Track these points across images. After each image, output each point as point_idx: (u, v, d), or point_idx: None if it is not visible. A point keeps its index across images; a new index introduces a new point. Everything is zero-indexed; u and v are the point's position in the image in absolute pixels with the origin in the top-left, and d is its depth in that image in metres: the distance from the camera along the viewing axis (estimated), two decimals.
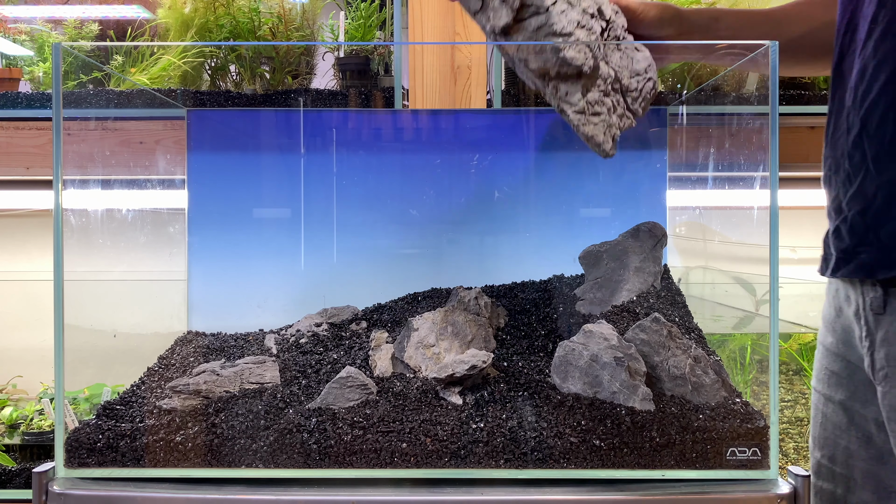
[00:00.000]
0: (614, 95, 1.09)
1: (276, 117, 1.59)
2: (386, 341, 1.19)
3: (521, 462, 0.98)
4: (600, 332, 1.06)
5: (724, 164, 1.34)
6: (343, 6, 1.85)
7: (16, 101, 1.74)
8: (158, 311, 1.50)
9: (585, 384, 1.02)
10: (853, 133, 1.00)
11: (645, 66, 1.10)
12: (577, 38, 1.01)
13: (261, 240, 1.49)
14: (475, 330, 1.15)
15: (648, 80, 1.11)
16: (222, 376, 1.09)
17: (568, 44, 1.00)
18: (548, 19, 1.00)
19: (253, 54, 1.79)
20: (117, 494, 0.98)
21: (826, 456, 1.14)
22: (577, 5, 1.03)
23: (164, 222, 1.51)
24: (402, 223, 1.48)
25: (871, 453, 1.08)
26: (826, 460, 1.14)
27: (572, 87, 1.03)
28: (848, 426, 1.11)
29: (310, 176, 1.48)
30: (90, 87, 1.70)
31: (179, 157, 1.50)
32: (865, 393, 1.07)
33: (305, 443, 0.98)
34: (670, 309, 1.23)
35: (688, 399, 1.03)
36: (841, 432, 1.12)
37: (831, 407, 1.14)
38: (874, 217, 0.97)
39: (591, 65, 1.02)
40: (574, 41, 1.00)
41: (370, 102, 1.69)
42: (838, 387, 1.13)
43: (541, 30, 1.01)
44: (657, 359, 1.05)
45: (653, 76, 1.11)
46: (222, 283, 1.48)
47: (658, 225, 1.27)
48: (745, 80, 1.49)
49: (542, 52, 1.01)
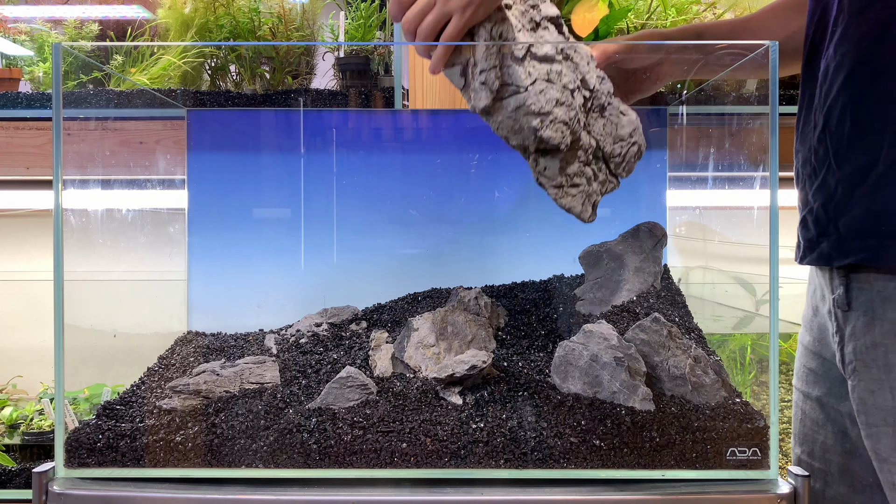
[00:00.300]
0: (596, 163, 1.10)
1: (276, 117, 1.59)
2: (386, 341, 1.20)
3: (520, 462, 0.98)
4: (600, 332, 1.06)
5: (723, 164, 1.34)
6: (343, 6, 1.85)
7: (16, 101, 1.74)
8: (158, 311, 1.50)
9: (585, 384, 1.02)
10: (818, 130, 1.05)
11: (630, 130, 1.11)
12: (556, 116, 1.02)
13: (261, 240, 1.49)
14: (475, 330, 1.15)
15: (633, 145, 1.11)
16: (222, 376, 1.09)
17: (545, 125, 1.02)
18: (526, 99, 1.01)
19: (253, 54, 1.79)
20: (117, 494, 0.98)
21: (805, 451, 1.18)
22: (556, 82, 1.03)
23: (164, 222, 1.51)
24: (402, 223, 1.48)
25: (846, 447, 1.12)
26: (805, 456, 1.18)
27: (550, 161, 1.05)
28: (824, 422, 1.15)
29: (310, 176, 1.48)
30: (90, 87, 1.70)
31: (179, 157, 1.50)
32: (840, 389, 1.10)
33: (305, 443, 0.98)
34: (670, 309, 1.23)
35: (688, 399, 1.03)
36: (818, 428, 1.16)
37: (809, 404, 1.18)
38: (834, 209, 1.02)
39: (568, 142, 1.03)
40: (551, 121, 1.02)
41: (370, 102, 1.69)
42: (815, 384, 1.17)
43: (519, 109, 1.02)
44: (657, 359, 1.05)
45: (638, 140, 1.12)
46: (222, 283, 1.48)
47: (658, 225, 1.27)
48: (744, 80, 1.49)
49: (521, 132, 1.02)
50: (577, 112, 1.05)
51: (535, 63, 1.03)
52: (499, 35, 1.02)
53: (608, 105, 1.10)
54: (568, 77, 1.05)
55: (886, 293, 0.97)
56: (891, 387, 0.97)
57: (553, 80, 1.03)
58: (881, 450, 0.99)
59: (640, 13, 1.83)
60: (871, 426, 1.00)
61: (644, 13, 1.83)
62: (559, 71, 1.04)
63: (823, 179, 1.03)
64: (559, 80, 1.03)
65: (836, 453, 1.14)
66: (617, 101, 1.12)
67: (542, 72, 1.02)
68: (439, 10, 0.97)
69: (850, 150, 1.00)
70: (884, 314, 0.97)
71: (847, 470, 1.13)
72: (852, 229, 1.00)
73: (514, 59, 1.01)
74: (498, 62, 1.01)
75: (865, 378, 1.00)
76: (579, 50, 1.09)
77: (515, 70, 1.01)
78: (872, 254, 0.98)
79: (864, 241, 0.99)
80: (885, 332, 0.97)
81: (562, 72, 1.04)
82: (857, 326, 1.01)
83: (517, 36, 1.03)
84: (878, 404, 0.98)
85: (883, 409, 0.98)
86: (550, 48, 1.03)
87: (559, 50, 1.05)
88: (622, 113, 1.11)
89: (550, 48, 1.03)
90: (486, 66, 1.01)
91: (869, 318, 0.99)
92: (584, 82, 1.08)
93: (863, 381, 1.00)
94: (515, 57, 1.01)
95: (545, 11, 1.08)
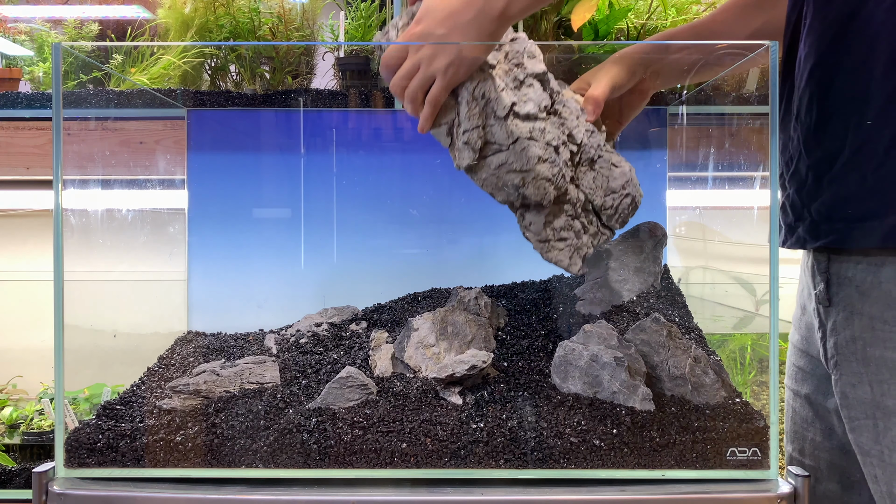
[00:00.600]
0: (586, 216, 1.11)
1: (276, 117, 1.59)
2: (386, 341, 1.20)
3: (521, 462, 0.98)
4: (600, 332, 1.06)
5: (724, 164, 1.34)
6: (343, 6, 1.86)
7: (16, 101, 1.74)
8: (158, 311, 1.50)
9: (585, 384, 1.02)
10: (792, 118, 1.08)
11: (622, 182, 1.11)
12: (538, 173, 1.04)
13: (261, 240, 1.49)
14: (475, 330, 1.15)
15: (626, 197, 1.11)
16: (222, 376, 1.09)
17: (526, 183, 1.04)
18: (508, 157, 1.04)
19: (253, 54, 1.79)
20: (117, 494, 0.98)
21: (796, 449, 1.20)
22: (539, 140, 1.05)
23: (164, 222, 1.51)
24: (402, 223, 1.48)
25: (834, 444, 1.14)
26: (796, 453, 1.20)
27: (535, 217, 1.07)
28: (813, 419, 1.17)
29: (310, 176, 1.48)
30: (90, 87, 1.70)
31: (179, 157, 1.50)
32: (827, 386, 1.11)
33: (305, 443, 0.98)
34: (670, 309, 1.23)
35: (688, 399, 1.03)
36: (807, 425, 1.18)
37: (798, 401, 1.20)
38: (807, 195, 1.04)
39: (551, 198, 1.05)
40: (533, 178, 1.04)
41: (370, 102, 1.69)
42: (804, 381, 1.19)
43: (502, 167, 1.04)
44: (657, 359, 1.05)
45: (631, 192, 1.12)
46: (222, 283, 1.48)
47: (658, 225, 1.27)
48: (745, 79, 1.49)
49: (504, 189, 1.05)
50: (560, 168, 1.06)
51: (517, 122, 1.05)
52: (481, 95, 1.04)
53: (598, 158, 1.11)
54: (552, 134, 1.06)
55: (864, 288, 0.99)
56: (869, 380, 0.99)
57: (536, 137, 1.05)
58: (863, 443, 1.01)
59: (640, 13, 1.83)
60: (853, 420, 1.02)
61: (644, 13, 1.83)
62: (542, 128, 1.06)
63: (796, 167, 1.07)
64: (542, 138, 1.05)
65: (825, 450, 1.16)
66: (609, 153, 1.12)
67: (524, 130, 1.04)
68: (423, 72, 1.01)
69: (816, 139, 1.03)
70: (862, 308, 0.99)
71: (836, 466, 1.14)
72: (822, 214, 1.03)
73: (497, 119, 1.04)
74: (481, 122, 1.04)
75: (846, 372, 1.02)
76: (568, 104, 1.11)
77: (498, 129, 1.04)
78: (840, 236, 1.01)
79: (833, 225, 1.02)
80: (864, 326, 0.99)
81: (545, 129, 1.06)
82: (837, 321, 1.04)
83: (500, 95, 1.04)
84: (859, 398, 1.01)
85: (863, 402, 1.00)
86: (532, 107, 1.05)
87: (542, 108, 1.06)
88: (614, 165, 1.12)
89: (532, 107, 1.05)
90: (469, 127, 1.03)
91: (848, 312, 1.02)
92: (571, 137, 1.09)
93: (844, 376, 1.03)
94: (498, 116, 1.04)
95: (530, 69, 1.10)
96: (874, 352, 0.98)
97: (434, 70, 1.00)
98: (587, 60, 1.82)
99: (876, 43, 0.96)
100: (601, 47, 1.80)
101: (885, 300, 0.97)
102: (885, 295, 0.97)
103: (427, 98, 1.02)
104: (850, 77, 0.99)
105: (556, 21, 1.77)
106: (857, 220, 0.99)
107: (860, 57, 0.98)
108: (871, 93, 0.96)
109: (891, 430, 0.97)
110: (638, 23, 1.83)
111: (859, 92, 0.98)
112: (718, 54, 1.20)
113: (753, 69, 1.46)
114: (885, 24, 0.95)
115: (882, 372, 0.97)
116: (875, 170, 0.96)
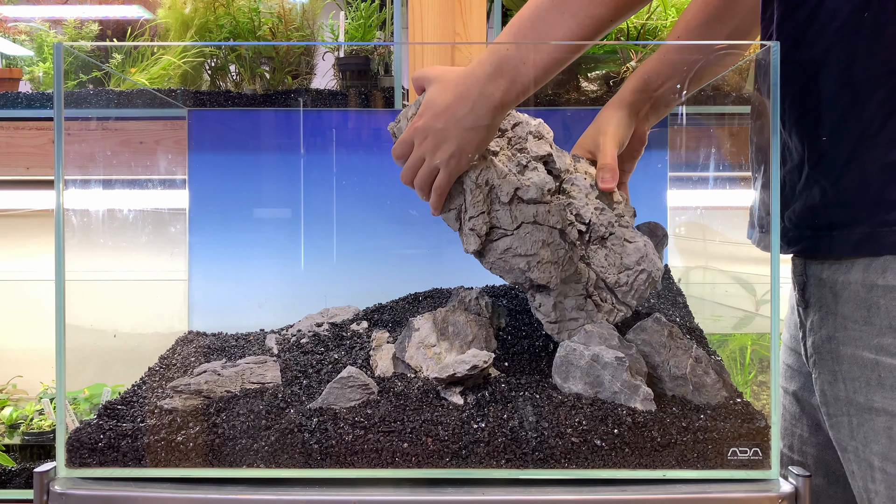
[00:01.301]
0: (599, 294, 1.12)
1: (276, 117, 1.59)
2: (387, 341, 1.20)
3: (522, 462, 0.98)
4: (601, 332, 1.06)
5: (724, 164, 1.34)
6: (343, 6, 1.86)
7: (16, 101, 1.75)
8: (159, 311, 1.50)
9: (587, 384, 1.02)
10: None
11: (637, 258, 1.11)
12: (542, 257, 1.06)
13: (262, 240, 1.49)
14: (476, 330, 1.15)
15: (641, 273, 1.11)
16: (223, 376, 1.09)
17: (531, 267, 1.07)
18: (513, 242, 1.07)
19: (253, 54, 1.79)
20: (119, 494, 0.98)
21: (786, 445, 1.23)
22: (543, 223, 1.07)
23: (165, 222, 1.51)
24: (403, 223, 1.48)
25: (820, 440, 1.17)
26: (786, 449, 1.23)
27: (545, 298, 1.10)
28: (800, 415, 1.20)
29: (310, 176, 1.48)
30: (90, 87, 1.70)
31: (180, 156, 1.50)
32: (811, 383, 1.13)
33: (307, 443, 0.98)
34: (671, 309, 1.24)
35: (689, 399, 1.03)
36: (795, 422, 1.21)
37: (787, 398, 1.23)
38: (782, 202, 1.08)
39: (557, 281, 1.07)
40: (538, 262, 1.07)
41: (370, 102, 1.69)
42: (791, 379, 1.22)
43: (508, 251, 1.07)
44: (658, 359, 1.05)
45: (647, 267, 1.11)
46: (223, 283, 1.48)
47: (659, 225, 1.27)
48: (745, 79, 1.49)
49: (512, 272, 1.08)
50: (566, 250, 1.08)
51: (521, 206, 1.08)
52: (485, 182, 1.07)
53: (610, 235, 1.12)
54: (557, 216, 1.09)
55: (836, 289, 1.02)
56: (843, 378, 1.02)
57: (540, 221, 1.07)
58: (841, 439, 1.04)
59: (640, 13, 1.84)
60: (831, 417, 1.05)
61: (644, 13, 1.83)
62: (546, 211, 1.08)
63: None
64: (546, 221, 1.08)
65: (812, 445, 1.19)
66: (622, 228, 1.13)
67: (528, 214, 1.08)
68: (427, 164, 1.06)
69: (786, 149, 1.07)
70: (836, 309, 1.02)
71: (822, 461, 1.17)
72: (793, 222, 1.06)
73: (501, 204, 1.08)
74: (486, 208, 1.07)
75: (823, 370, 1.06)
76: (577, 182, 1.13)
77: (503, 214, 1.07)
78: (809, 244, 1.05)
79: (803, 232, 1.05)
80: (837, 325, 1.02)
81: (549, 211, 1.09)
82: (814, 321, 1.07)
83: (503, 182, 1.08)
84: (836, 395, 1.04)
85: (839, 399, 1.03)
86: (535, 191, 1.08)
87: (546, 191, 1.09)
88: (627, 241, 1.12)
89: (535, 191, 1.08)
90: (474, 213, 1.07)
91: (823, 313, 1.05)
92: (579, 217, 1.11)
93: (822, 374, 1.06)
94: (502, 202, 1.07)
95: (534, 151, 1.12)
96: (846, 350, 1.01)
97: (437, 162, 1.05)
98: (587, 60, 1.82)
99: (825, 63, 0.99)
100: (601, 47, 1.80)
101: (854, 300, 0.99)
102: (854, 295, 0.99)
103: (433, 188, 1.07)
104: (805, 94, 1.02)
105: None
106: (825, 229, 1.02)
107: (812, 74, 1.01)
108: (822, 111, 1.00)
109: (863, 426, 1.00)
110: (638, 23, 1.83)
111: (813, 108, 1.01)
112: (709, 66, 1.21)
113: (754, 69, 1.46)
114: (833, 45, 0.98)
115: (853, 370, 1.00)
116: (834, 183, 0.99)
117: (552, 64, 1.01)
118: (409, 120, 1.12)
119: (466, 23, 1.61)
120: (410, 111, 1.13)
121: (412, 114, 1.12)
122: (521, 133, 1.12)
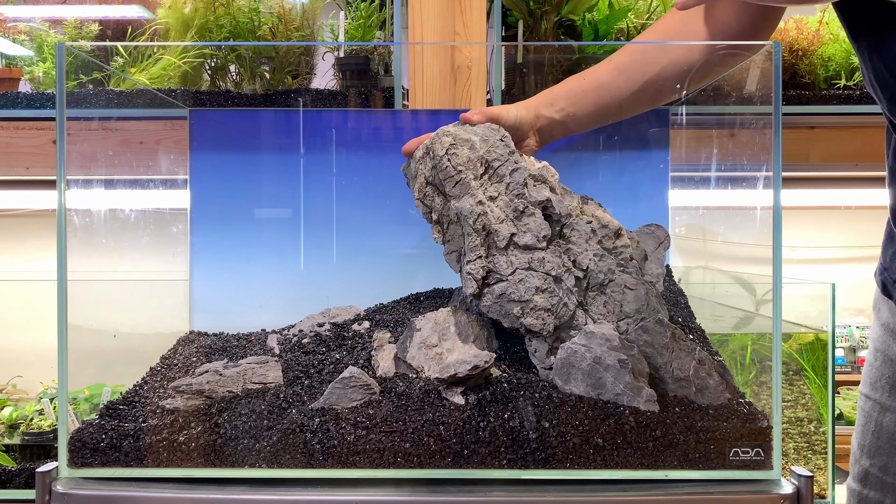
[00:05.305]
0: None
1: (276, 117, 1.59)
2: (388, 341, 1.20)
3: (523, 462, 0.98)
4: (602, 333, 1.06)
5: (726, 165, 1.34)
6: (343, 6, 1.85)
7: (16, 101, 1.74)
8: (161, 311, 1.49)
9: (588, 386, 1.02)
10: None
11: (637, 307, 1.11)
12: (536, 304, 1.07)
13: (263, 239, 1.49)
14: (478, 330, 1.15)
15: (642, 321, 1.11)
16: (225, 376, 1.09)
17: (525, 312, 1.08)
18: (508, 287, 1.09)
19: (253, 54, 1.79)
20: (120, 494, 0.98)
21: (877, 465, 1.15)
22: (538, 269, 1.09)
23: (167, 222, 1.51)
24: (404, 223, 1.48)
25: None
26: (877, 469, 1.15)
27: (540, 344, 1.10)
28: None
29: (310, 176, 1.48)
30: (90, 87, 1.70)
31: (181, 157, 1.50)
32: None
33: (308, 443, 0.98)
34: (673, 310, 1.23)
35: (691, 400, 1.03)
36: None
37: (889, 416, 1.15)
38: None
39: (551, 328, 1.08)
40: (531, 308, 1.08)
41: (370, 102, 1.69)
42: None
43: (503, 296, 1.09)
44: (661, 361, 1.05)
45: (647, 316, 1.11)
46: (224, 283, 1.47)
47: (661, 227, 1.27)
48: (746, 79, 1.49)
49: (508, 316, 1.09)
50: (560, 298, 1.09)
51: (517, 252, 1.10)
52: (482, 227, 1.09)
53: (610, 282, 1.12)
54: (552, 263, 1.09)
55: None
56: None
57: (535, 267, 1.09)
58: None
59: (639, 13, 1.84)
60: None
61: (644, 13, 1.83)
62: (541, 258, 1.09)
63: None
64: (541, 268, 1.09)
65: None
66: (624, 275, 1.12)
67: (522, 261, 1.09)
68: None
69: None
70: None
71: None
72: None
73: (498, 249, 1.10)
74: (483, 252, 1.09)
75: None
76: (578, 227, 1.13)
77: (499, 259, 1.09)
78: None
79: None
80: None
81: (544, 258, 1.09)
82: None
83: (499, 227, 1.10)
84: None
85: None
86: (531, 238, 1.10)
87: (542, 237, 1.10)
88: (628, 288, 1.12)
89: (531, 238, 1.10)
90: (472, 258, 1.09)
91: None
92: (577, 263, 1.11)
93: None
94: (499, 247, 1.10)
95: (532, 197, 1.13)
96: None
97: None
98: (587, 60, 1.82)
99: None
100: (601, 47, 1.80)
101: None
102: None
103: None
104: None
105: (556, 21, 1.77)
106: None
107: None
108: None
109: None
110: (638, 23, 1.83)
111: None
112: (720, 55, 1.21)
113: (754, 70, 1.46)
114: None
115: None
116: None
117: None
118: (418, 161, 1.16)
119: (466, 23, 1.61)
120: (419, 153, 1.16)
121: (420, 156, 1.16)
122: (520, 179, 1.13)
